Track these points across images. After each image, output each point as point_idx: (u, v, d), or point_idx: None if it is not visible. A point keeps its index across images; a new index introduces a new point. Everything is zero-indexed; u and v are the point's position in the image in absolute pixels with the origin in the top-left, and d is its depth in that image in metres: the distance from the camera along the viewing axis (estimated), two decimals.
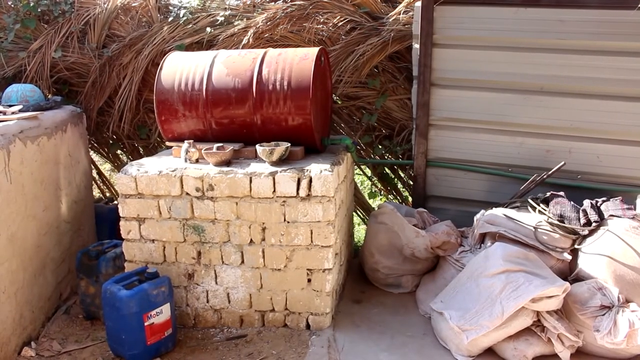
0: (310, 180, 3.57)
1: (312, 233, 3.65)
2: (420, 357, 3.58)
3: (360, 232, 5.84)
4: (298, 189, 3.58)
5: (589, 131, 4.54)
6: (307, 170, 3.60)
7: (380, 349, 3.66)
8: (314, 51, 4.02)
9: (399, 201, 5.63)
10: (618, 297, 3.53)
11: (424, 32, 4.67)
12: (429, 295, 4.11)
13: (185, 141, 3.93)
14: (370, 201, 5.87)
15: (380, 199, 5.78)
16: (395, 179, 5.64)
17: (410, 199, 5.36)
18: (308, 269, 3.74)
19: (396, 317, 4.09)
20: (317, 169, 3.60)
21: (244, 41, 5.03)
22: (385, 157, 5.46)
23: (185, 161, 3.90)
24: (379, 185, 5.81)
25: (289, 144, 3.78)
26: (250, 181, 3.63)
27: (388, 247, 4.40)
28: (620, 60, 4.38)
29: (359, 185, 6.04)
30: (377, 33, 4.99)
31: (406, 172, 5.48)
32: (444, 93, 4.78)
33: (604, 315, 3.48)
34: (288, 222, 3.65)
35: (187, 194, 3.73)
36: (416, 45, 4.76)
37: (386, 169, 5.62)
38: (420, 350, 3.66)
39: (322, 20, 5.08)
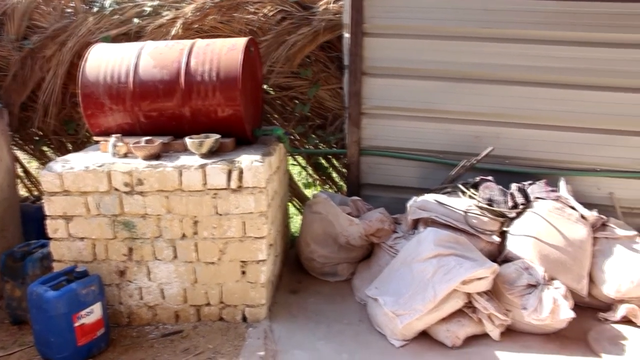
0: (241, 172, 3.54)
1: (244, 225, 3.62)
2: (357, 344, 3.62)
3: (296, 222, 5.84)
4: (229, 180, 3.55)
5: (516, 117, 4.69)
6: (238, 161, 3.57)
7: (317, 338, 3.68)
8: (242, 41, 3.98)
9: (334, 190, 5.66)
10: (543, 276, 3.68)
11: (354, 21, 4.69)
12: (365, 282, 4.15)
13: (113, 135, 3.82)
14: (306, 191, 5.88)
15: (316, 189, 5.79)
16: (330, 169, 5.67)
17: (345, 187, 5.40)
18: (242, 261, 3.71)
19: (333, 306, 4.12)
20: (248, 160, 3.57)
21: (173, 32, 4.94)
22: (319, 147, 5.47)
23: (113, 156, 3.79)
24: (314, 175, 5.83)
25: (219, 136, 3.73)
26: (180, 174, 3.56)
27: (323, 236, 4.42)
28: (544, 48, 4.54)
29: (294, 175, 6.03)
30: (308, 23, 4.99)
31: (340, 161, 5.52)
32: (375, 82, 4.83)
33: (530, 293, 3.62)
34: (220, 214, 3.61)
35: (116, 189, 3.63)
36: (347, 35, 4.78)
37: (320, 159, 5.64)
38: (357, 337, 3.70)
39: (252, 10, 5.04)
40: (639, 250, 4.08)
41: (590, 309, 4.05)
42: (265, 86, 5.19)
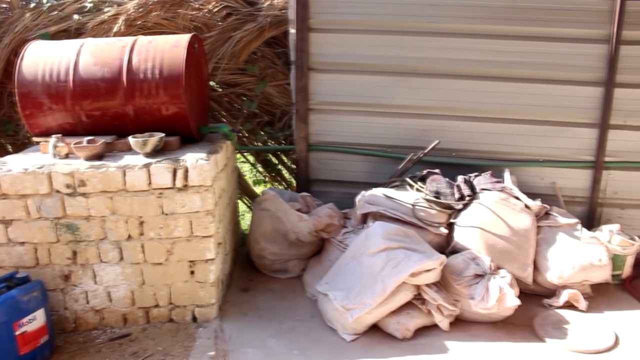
0: (186, 170, 3.48)
1: (191, 224, 3.57)
2: (308, 340, 3.62)
3: (247, 220, 5.80)
4: (174, 179, 3.49)
5: (461, 110, 4.77)
6: (183, 160, 3.51)
7: (269, 335, 3.67)
8: (185, 38, 3.92)
9: (284, 187, 5.65)
10: (490, 266, 3.76)
11: (299, 17, 4.68)
12: (316, 278, 4.16)
13: (53, 136, 3.71)
14: (256, 188, 5.84)
15: (266, 186, 5.77)
16: (279, 165, 5.65)
17: (295, 184, 5.39)
18: (190, 261, 3.66)
19: (284, 302, 4.11)
20: (193, 159, 3.52)
21: (115, 29, 4.82)
22: (268, 144, 5.45)
23: (54, 157, 3.67)
24: (264, 172, 5.80)
25: (163, 134, 3.67)
26: (124, 174, 3.48)
27: (273, 233, 4.40)
28: (488, 42, 4.65)
29: (244, 173, 5.98)
30: (253, 19, 4.96)
31: (289, 158, 5.50)
32: (322, 77, 4.82)
33: (477, 283, 3.70)
34: (166, 214, 3.55)
35: (57, 191, 3.52)
36: (292, 30, 4.75)
37: (269, 156, 5.61)
38: (308, 333, 3.70)
39: (196, 6, 4.97)
40: (579, 237, 4.22)
41: (536, 295, 4.16)
42: (211, 83, 5.13)
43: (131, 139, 3.61)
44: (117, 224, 3.57)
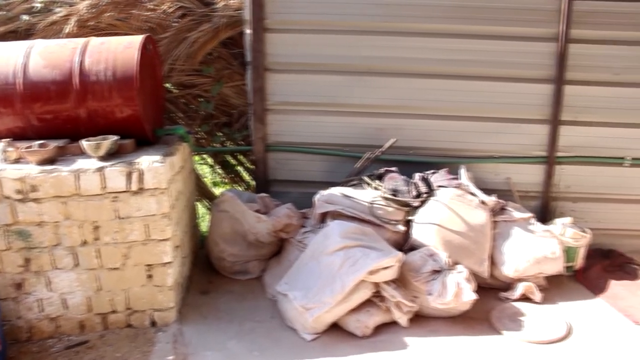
0: (141, 173, 3.43)
1: (147, 227, 3.53)
2: (268, 340, 3.61)
3: (207, 222, 5.75)
4: (129, 183, 3.43)
5: (417, 108, 4.83)
6: (137, 163, 3.46)
7: (229, 337, 3.65)
8: (138, 39, 3.86)
9: (244, 188, 5.63)
10: (446, 261, 3.82)
11: (255, 17, 4.66)
12: (275, 279, 4.15)
13: (2, 140, 3.61)
14: (215, 190, 5.80)
15: (225, 187, 5.73)
16: (238, 166, 5.63)
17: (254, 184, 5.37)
18: (147, 265, 3.61)
19: (244, 304, 4.09)
20: (148, 161, 3.47)
21: (66, 30, 4.72)
22: (225, 145, 5.41)
23: (3, 162, 3.58)
24: (223, 174, 5.76)
25: (117, 137, 3.61)
26: (77, 179, 3.41)
27: (232, 235, 4.37)
28: (441, 41, 4.71)
29: (203, 175, 5.93)
30: (208, 19, 4.93)
31: (248, 158, 5.48)
32: (278, 77, 4.81)
33: (435, 279, 3.75)
34: (121, 218, 3.49)
35: (7, 197, 3.43)
36: (248, 31, 4.73)
37: (228, 157, 5.58)
38: (269, 334, 3.69)
39: (150, 7, 4.91)
40: (534, 230, 4.32)
41: (493, 289, 4.24)
42: (167, 85, 5.08)
43: (84, 143, 3.54)
44: (71, 229, 3.50)
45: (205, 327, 3.77)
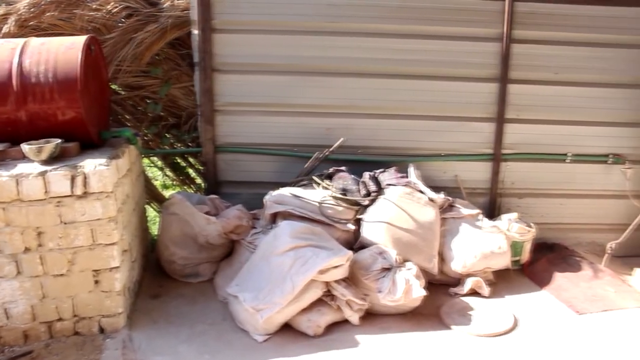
0: (86, 177, 3.35)
1: (93, 232, 3.44)
2: (220, 343, 3.59)
3: (157, 225, 5.67)
4: (73, 187, 3.35)
5: (365, 108, 4.88)
6: (81, 166, 3.38)
7: (179, 341, 3.60)
8: (81, 40, 3.77)
9: (194, 190, 5.57)
10: (396, 259, 3.87)
11: (202, 18, 4.62)
12: (227, 281, 4.11)
13: None
14: (165, 192, 5.72)
15: (175, 190, 5.65)
16: (188, 168, 5.56)
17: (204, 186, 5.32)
18: (94, 270, 3.53)
19: (195, 307, 4.05)
20: (93, 165, 3.39)
21: (5, 30, 4.57)
22: (175, 146, 5.34)
23: None
24: (173, 176, 5.68)
25: (60, 140, 3.51)
26: (18, 184, 3.30)
27: (182, 238, 4.33)
28: (389, 41, 4.77)
29: (152, 177, 5.84)
30: (155, 19, 4.84)
31: (198, 160, 5.42)
32: (227, 78, 4.79)
33: (385, 277, 3.79)
34: (66, 223, 3.40)
35: None
36: (195, 31, 4.69)
37: (177, 159, 5.51)
38: (220, 336, 3.67)
39: (94, 6, 4.79)
40: (481, 226, 4.42)
41: (443, 285, 4.33)
42: (114, 86, 4.98)
43: (25, 146, 3.44)
44: (12, 236, 3.39)
45: (155, 332, 3.71)
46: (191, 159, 5.52)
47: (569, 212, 5.22)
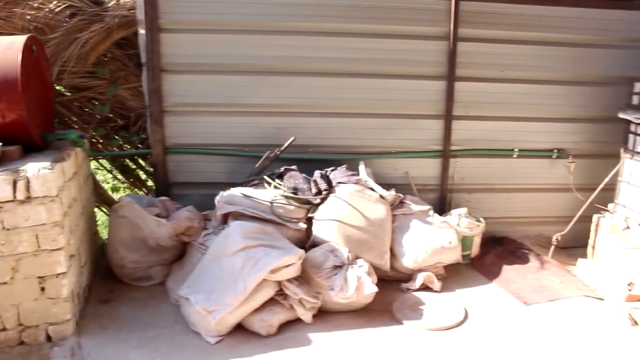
0: (28, 181, 3.26)
1: (37, 237, 3.35)
2: (172, 346, 3.54)
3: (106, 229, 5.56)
4: (15, 192, 3.24)
5: (315, 107, 4.90)
6: (24, 170, 3.28)
7: (130, 347, 3.54)
8: (21, 39, 3.66)
9: (145, 192, 5.48)
10: (347, 256, 3.90)
11: (148, 17, 4.55)
12: (179, 283, 4.06)
13: None
14: (114, 195, 5.61)
15: (125, 192, 5.56)
16: (138, 170, 5.47)
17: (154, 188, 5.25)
18: (39, 277, 3.43)
19: (147, 311, 3.98)
20: (35, 168, 3.30)
21: None
22: (124, 148, 5.25)
23: None
24: (122, 178, 5.59)
25: (0, 144, 3.41)
26: None
27: (132, 241, 4.26)
28: (338, 40, 4.80)
29: (101, 180, 5.73)
30: (100, 19, 4.75)
31: (148, 162, 5.34)
32: (176, 78, 4.73)
33: (336, 274, 3.81)
34: (8, 229, 3.29)
35: None
36: (142, 31, 4.61)
37: (127, 161, 5.42)
38: (172, 339, 3.62)
39: (36, 5, 4.66)
40: (431, 222, 4.49)
41: (394, 281, 4.37)
42: (59, 87, 4.86)
43: None
44: None
45: (105, 338, 3.64)
46: (141, 161, 5.44)
47: (516, 206, 5.37)
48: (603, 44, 5.06)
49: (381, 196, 4.40)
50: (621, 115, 4.59)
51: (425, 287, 4.30)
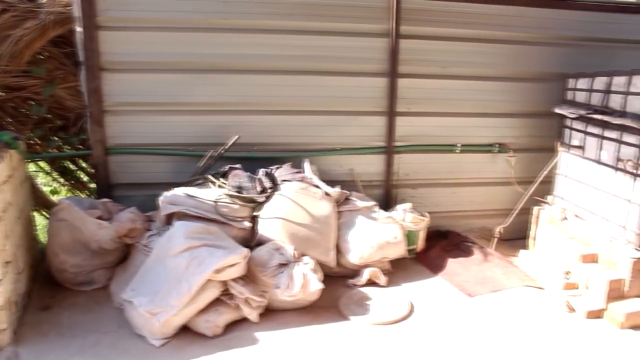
0: None
1: None
2: (115, 351, 3.46)
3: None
4: None
5: (259, 104, 4.87)
6: None
7: (71, 354, 3.43)
8: None
9: (86, 194, 5.34)
10: (293, 254, 3.90)
11: (85, 14, 4.43)
12: (122, 286, 3.97)
13: None
14: (55, 198, 5.45)
15: (66, 195, 5.40)
16: (78, 172, 5.33)
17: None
18: None
19: (89, 316, 3.88)
20: None
21: None
22: (63, 150, 5.10)
23: None
24: (62, 181, 5.43)
25: None
26: None
27: (73, 244, 4.14)
28: (281, 37, 4.79)
29: (40, 183, 5.55)
30: (34, 16, 4.61)
31: (89, 163, 5.21)
32: (116, 77, 4.62)
33: (282, 272, 3.81)
34: None
35: None
36: (79, 28, 4.48)
37: (66, 163, 5.27)
38: (116, 344, 3.53)
39: None
40: (376, 218, 4.54)
41: (341, 277, 4.41)
42: None
43: None
44: None
45: (45, 346, 3.52)
46: (82, 163, 5.30)
47: (460, 200, 5.48)
48: (538, 42, 5.23)
49: (326, 193, 4.42)
50: (556, 110, 4.74)
51: (371, 282, 4.34)
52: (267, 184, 4.30)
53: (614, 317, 3.86)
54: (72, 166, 5.32)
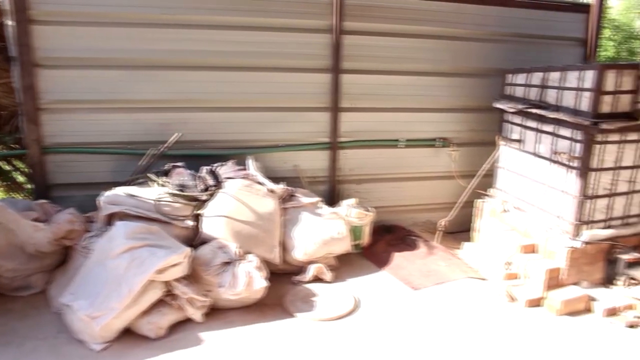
0: None
1: None
2: (54, 358, 3.35)
3: None
4: None
5: (201, 101, 4.82)
6: None
7: None
8: None
9: (23, 196, 5.16)
10: (236, 252, 3.87)
11: (17, 7, 4.29)
12: (61, 290, 3.85)
13: None
14: None
15: (0, 197, 5.20)
16: (14, 172, 5.13)
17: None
18: None
19: (26, 322, 3.75)
20: None
21: None
22: None
23: None
24: None
25: None
26: None
27: (7, 248, 3.98)
28: (222, 33, 4.75)
29: None
30: None
31: (25, 163, 5.02)
32: (51, 74, 4.48)
33: (226, 271, 3.77)
34: None
35: None
36: (10, 22, 4.31)
37: (1, 163, 5.07)
38: (54, 351, 3.43)
39: None
40: (321, 214, 4.55)
41: (287, 274, 4.40)
42: None
43: None
44: None
45: None
46: (17, 163, 5.10)
47: (404, 194, 5.56)
48: (478, 38, 5.35)
49: (270, 190, 4.40)
50: (496, 105, 4.85)
51: (316, 279, 4.36)
52: (210, 181, 4.24)
53: (552, 305, 3.99)
54: (6, 166, 5.11)
